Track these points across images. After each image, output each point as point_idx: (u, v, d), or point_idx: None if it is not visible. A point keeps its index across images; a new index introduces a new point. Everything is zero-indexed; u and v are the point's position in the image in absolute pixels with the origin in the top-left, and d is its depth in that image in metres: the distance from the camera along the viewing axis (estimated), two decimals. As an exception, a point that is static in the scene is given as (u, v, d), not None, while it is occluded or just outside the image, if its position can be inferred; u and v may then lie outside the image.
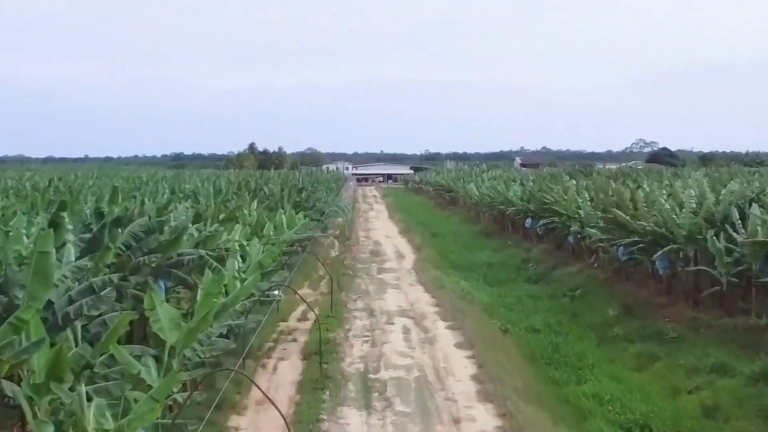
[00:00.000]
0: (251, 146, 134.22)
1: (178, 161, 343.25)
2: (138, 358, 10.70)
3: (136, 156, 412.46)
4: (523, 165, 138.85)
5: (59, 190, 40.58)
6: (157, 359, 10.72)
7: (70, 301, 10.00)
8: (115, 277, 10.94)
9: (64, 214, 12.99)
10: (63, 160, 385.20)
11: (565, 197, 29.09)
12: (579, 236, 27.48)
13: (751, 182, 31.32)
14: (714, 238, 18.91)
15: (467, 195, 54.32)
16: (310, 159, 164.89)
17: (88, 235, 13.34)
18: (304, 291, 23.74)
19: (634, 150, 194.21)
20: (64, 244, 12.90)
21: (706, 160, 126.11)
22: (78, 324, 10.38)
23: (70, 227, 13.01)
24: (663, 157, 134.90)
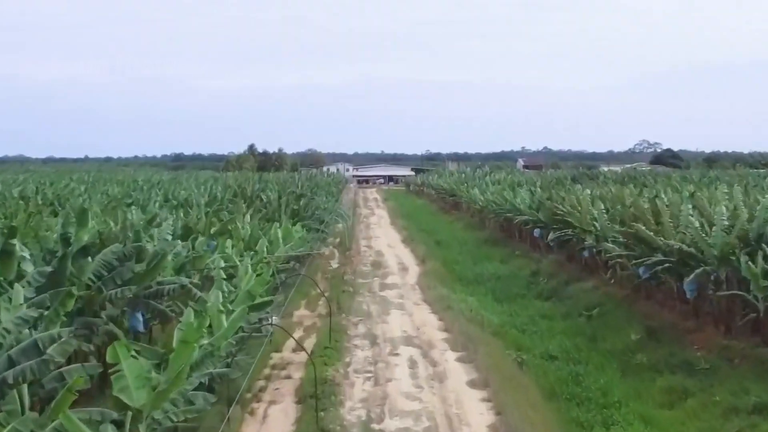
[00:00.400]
0: (251, 147, 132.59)
1: (178, 162, 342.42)
2: (97, 424, 8.96)
3: (136, 156, 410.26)
4: (525, 167, 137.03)
5: (47, 198, 38.88)
6: (120, 425, 8.98)
7: (11, 363, 8.25)
8: (65, 332, 9.15)
9: (15, 242, 11.17)
10: (63, 160, 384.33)
11: (579, 208, 27.29)
12: (594, 250, 25.72)
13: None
14: (748, 260, 17.19)
15: (471, 200, 52.53)
16: (311, 160, 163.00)
17: (48, 269, 11.58)
18: (302, 312, 21.99)
19: (637, 150, 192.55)
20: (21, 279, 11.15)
21: (710, 161, 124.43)
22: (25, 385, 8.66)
23: (26, 256, 11.23)
24: (667, 159, 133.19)
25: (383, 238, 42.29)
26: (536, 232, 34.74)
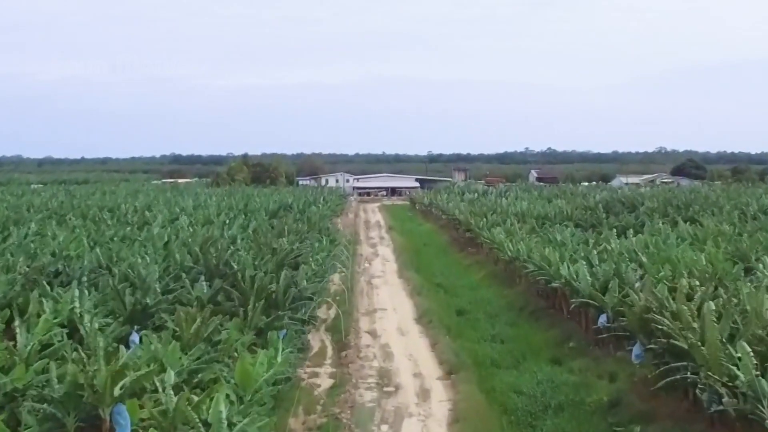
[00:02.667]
0: (244, 157, 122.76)
1: (175, 164, 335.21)
2: None
3: (133, 158, 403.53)
4: (539, 179, 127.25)
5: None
6: None
7: None
8: None
9: None
10: (60, 162, 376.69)
11: (695, 325, 17.54)
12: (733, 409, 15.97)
13: None
14: None
15: (495, 245, 42.90)
16: (309, 167, 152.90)
17: None
18: None
19: (650, 151, 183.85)
20: None
21: (737, 172, 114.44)
22: None
23: None
24: (689, 170, 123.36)
25: (390, 311, 32.35)
26: (601, 320, 25.18)
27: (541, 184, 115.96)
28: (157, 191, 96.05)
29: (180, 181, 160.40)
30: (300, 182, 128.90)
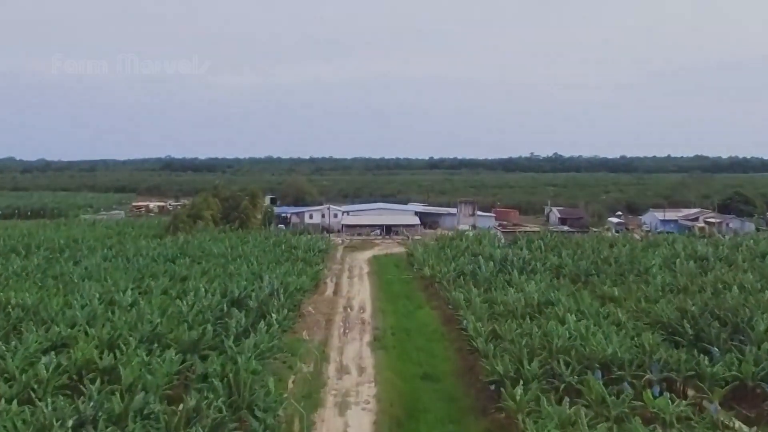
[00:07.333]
0: (215, 189, 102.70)
1: (167, 169, 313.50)
2: None
3: (125, 161, 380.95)
4: (562, 220, 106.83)
5: None
6: None
7: None
8: None
9: None
10: (49, 165, 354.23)
11: None
12: None
13: None
14: None
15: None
16: (294, 191, 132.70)
17: None
18: None
19: (660, 156, 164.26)
20: None
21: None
22: None
23: None
24: (736, 204, 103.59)
25: None
26: None
27: (566, 228, 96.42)
28: (96, 243, 76.39)
29: (151, 205, 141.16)
30: (281, 214, 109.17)
